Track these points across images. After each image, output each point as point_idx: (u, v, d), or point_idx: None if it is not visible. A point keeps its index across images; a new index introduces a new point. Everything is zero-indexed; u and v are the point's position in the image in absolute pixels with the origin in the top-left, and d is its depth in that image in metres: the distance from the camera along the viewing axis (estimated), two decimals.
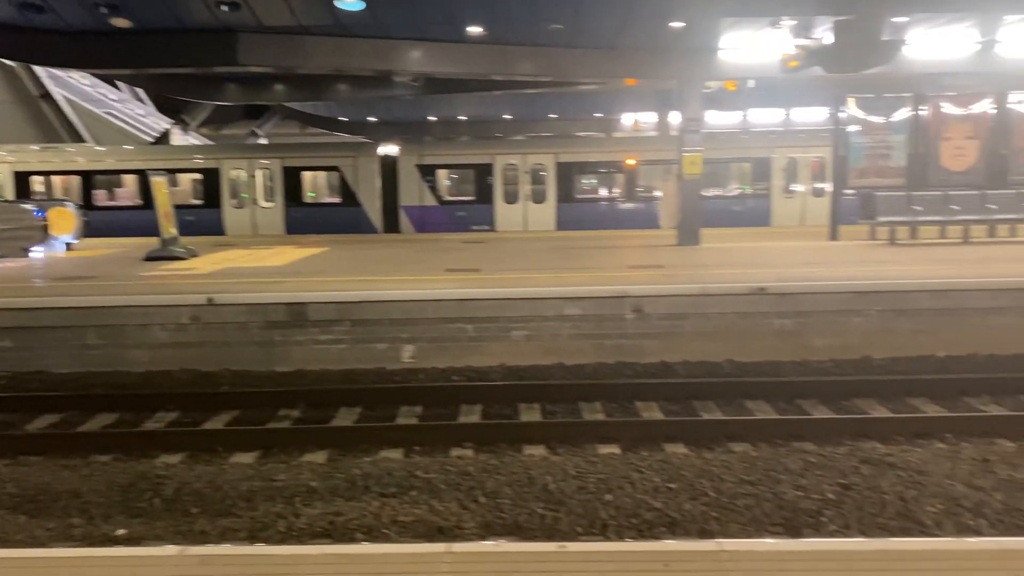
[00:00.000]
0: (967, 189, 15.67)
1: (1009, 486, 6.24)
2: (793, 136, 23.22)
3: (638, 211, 21.74)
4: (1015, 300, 10.30)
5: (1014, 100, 15.79)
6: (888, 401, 8.87)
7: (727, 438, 7.81)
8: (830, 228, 16.45)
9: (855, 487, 6.21)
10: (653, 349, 10.35)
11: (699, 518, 5.85)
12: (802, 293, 10.33)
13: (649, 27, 13.60)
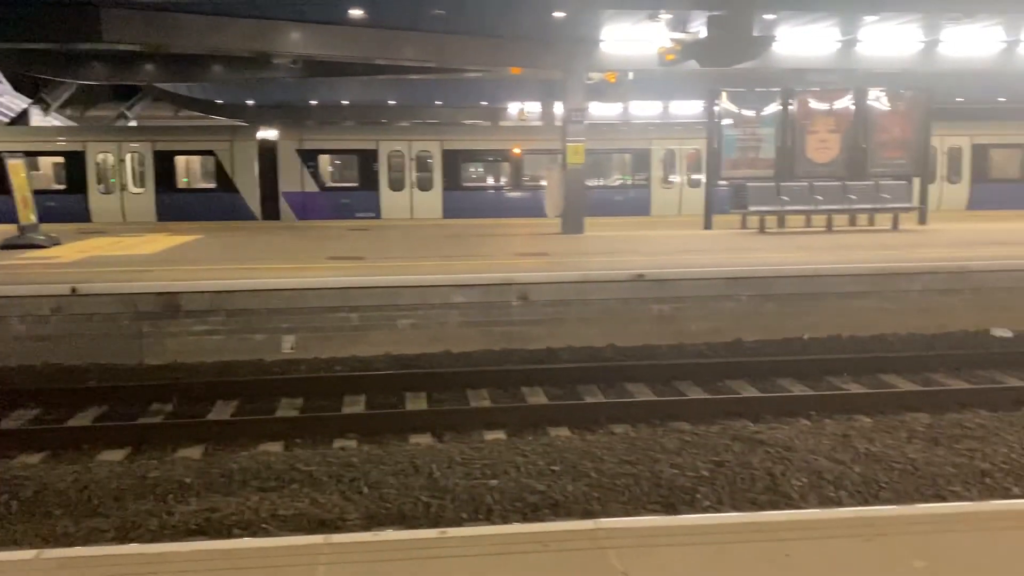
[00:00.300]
0: (830, 180, 16.60)
1: (867, 459, 6.65)
2: (671, 128, 23.94)
3: (524, 200, 21.92)
4: (873, 284, 10.99)
5: (872, 96, 16.82)
6: (758, 381, 9.31)
7: (608, 420, 8.03)
8: (705, 217, 17.08)
9: (727, 464, 6.47)
10: (539, 335, 10.49)
11: (582, 499, 5.97)
12: (678, 279, 10.68)
13: (532, 16, 13.69)
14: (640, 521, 3.58)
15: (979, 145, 23.26)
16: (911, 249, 12.79)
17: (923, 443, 7.08)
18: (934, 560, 3.21)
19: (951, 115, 23.73)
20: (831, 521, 3.56)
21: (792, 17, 13.55)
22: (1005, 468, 6.50)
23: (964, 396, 8.57)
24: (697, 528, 3.46)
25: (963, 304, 11.11)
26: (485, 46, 15.59)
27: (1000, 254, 11.97)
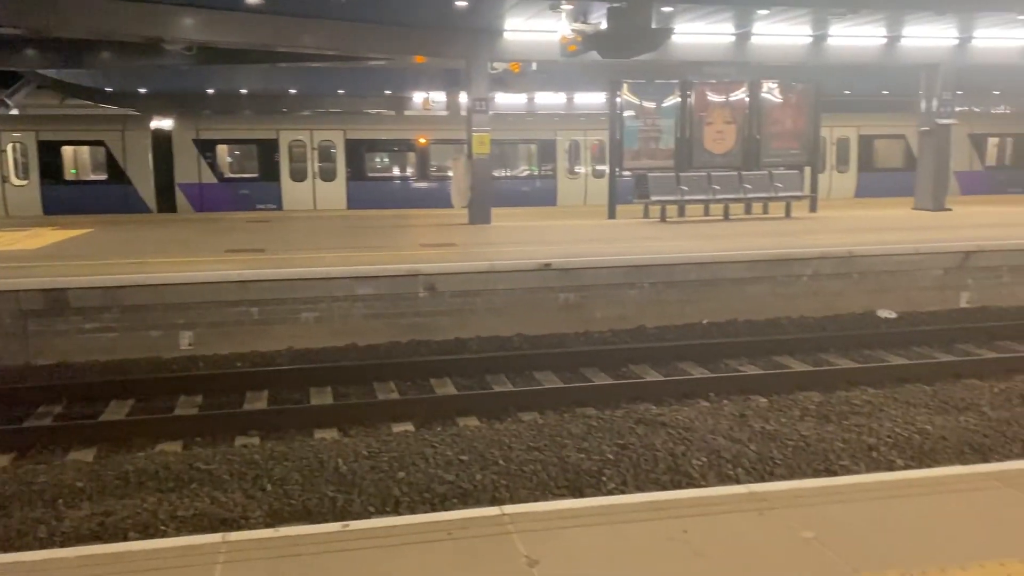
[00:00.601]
0: (727, 170, 17.13)
1: (762, 437, 6.92)
2: (576, 119, 24.23)
3: (431, 190, 21.79)
4: (767, 270, 11.43)
5: (765, 89, 17.44)
6: (660, 366, 9.57)
7: (517, 408, 8.10)
8: (608, 207, 17.37)
9: (631, 446, 6.62)
10: (447, 326, 10.47)
11: (490, 487, 6.02)
12: (584, 268, 10.84)
13: (435, 5, 13.57)
14: (544, 505, 3.63)
15: (865, 136, 24.45)
16: (802, 236, 13.34)
17: (815, 420, 7.42)
18: (821, 530, 3.38)
19: (839, 107, 24.84)
20: (726, 497, 3.69)
21: (689, 10, 13.88)
22: (890, 442, 6.87)
23: (852, 375, 9.02)
24: (599, 509, 3.53)
25: (851, 287, 11.67)
26: (388, 34, 15.37)
27: (884, 240, 12.62)
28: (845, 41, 16.75)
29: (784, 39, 16.44)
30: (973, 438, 6.92)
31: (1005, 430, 7.06)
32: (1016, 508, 3.67)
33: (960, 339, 10.45)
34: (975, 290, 11.97)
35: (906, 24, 15.93)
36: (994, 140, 25.97)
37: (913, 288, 11.81)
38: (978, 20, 15.70)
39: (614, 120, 16.89)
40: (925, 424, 7.19)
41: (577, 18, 12.94)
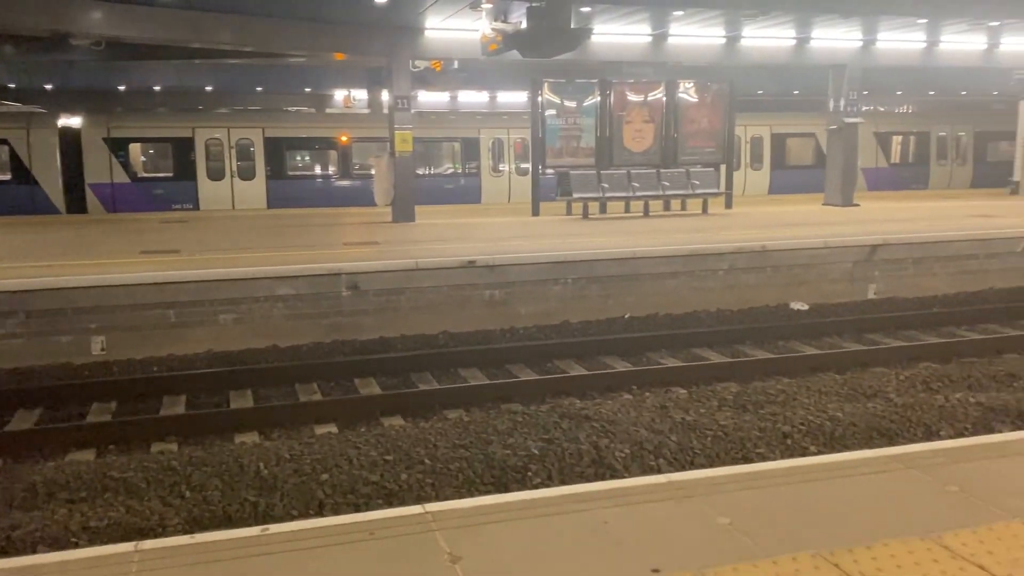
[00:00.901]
0: (646, 168, 17.46)
1: (682, 427, 7.09)
2: (498, 118, 24.30)
3: (353, 188, 21.55)
4: (685, 265, 11.69)
5: (682, 89, 17.84)
6: (584, 360, 9.70)
7: (442, 406, 8.09)
8: (532, 204, 17.50)
9: (556, 441, 6.70)
10: (371, 325, 10.37)
11: (415, 487, 6.00)
12: (508, 265, 10.89)
13: (354, 2, 13.42)
14: (467, 502, 3.64)
15: (777, 135, 25.27)
16: (718, 231, 13.70)
17: (732, 410, 7.63)
18: (737, 516, 3.49)
19: (753, 107, 25.61)
20: (646, 487, 3.77)
21: (607, 11, 14.08)
22: (803, 429, 7.13)
23: (767, 365, 9.31)
24: (521, 504, 3.57)
25: (765, 281, 12.04)
26: (307, 31, 15.10)
27: (795, 234, 13.07)
28: (757, 42, 17.27)
29: (699, 40, 16.85)
30: (880, 423, 7.23)
31: (909, 415, 7.40)
32: (916, 488, 3.86)
33: (868, 329, 10.90)
34: (882, 282, 12.50)
35: (814, 26, 16.52)
36: (898, 138, 27.19)
37: (824, 281, 12.26)
38: (881, 23, 16.40)
39: (536, 119, 17.03)
40: (836, 411, 7.48)
41: (497, 17, 12.98)
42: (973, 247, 13.00)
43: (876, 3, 14.39)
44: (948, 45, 18.53)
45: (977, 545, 3.25)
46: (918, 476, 3.94)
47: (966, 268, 12.95)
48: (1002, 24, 16.78)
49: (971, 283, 12.90)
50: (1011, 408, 7.60)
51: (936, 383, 8.47)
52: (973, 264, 12.97)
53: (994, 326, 11.14)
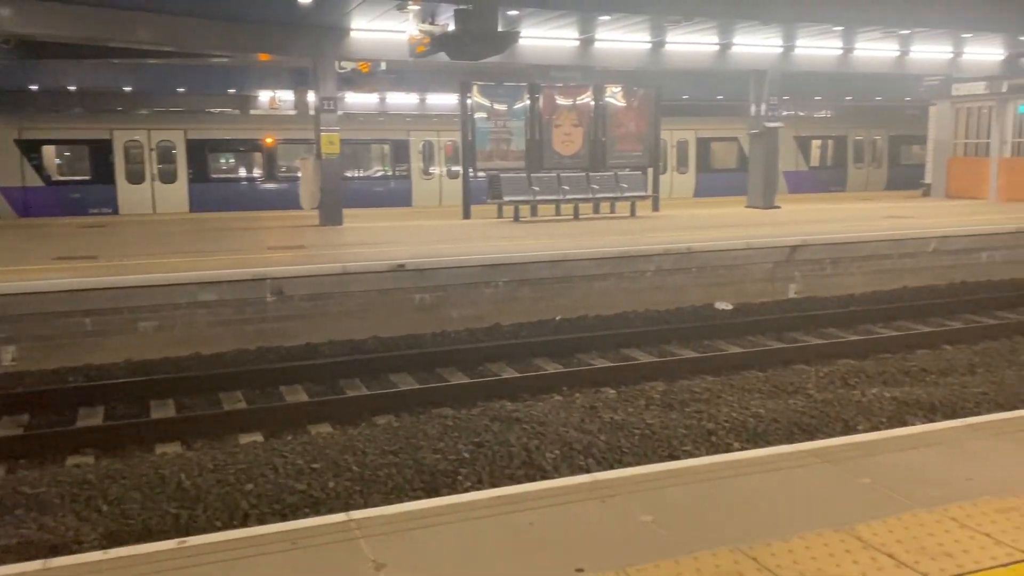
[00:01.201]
0: (575, 171, 17.63)
1: (611, 427, 7.17)
2: (429, 120, 24.23)
3: (280, 191, 21.16)
4: (614, 267, 11.83)
5: (609, 93, 18.07)
6: (515, 363, 9.72)
7: (371, 413, 8.00)
8: (463, 207, 17.48)
9: (487, 444, 6.70)
10: (297, 331, 10.19)
11: (343, 495, 5.92)
12: (438, 268, 10.85)
13: (278, 1, 13.17)
14: (391, 508, 3.60)
15: (703, 139, 25.82)
16: (646, 234, 13.91)
17: (659, 409, 7.76)
18: (660, 513, 3.54)
19: (679, 111, 26.11)
20: (572, 487, 3.80)
21: (534, 15, 14.16)
22: (727, 426, 7.29)
23: (693, 364, 9.49)
24: (447, 508, 3.55)
25: (691, 282, 12.28)
26: (229, 30, 14.76)
27: (720, 236, 13.36)
28: (682, 47, 17.62)
29: (625, 45, 17.10)
30: (801, 419, 7.45)
31: (828, 410, 7.64)
32: (831, 481, 3.98)
33: (789, 328, 11.21)
34: (802, 281, 12.88)
35: (736, 32, 16.95)
36: (817, 142, 28.10)
37: (747, 281, 12.57)
38: (799, 30, 16.92)
39: (465, 121, 17.02)
40: (759, 408, 7.67)
41: (425, 19, 12.93)
42: (888, 247, 13.51)
43: (794, 10, 14.84)
44: (863, 52, 19.24)
45: (887, 535, 3.37)
46: (833, 469, 4.07)
47: (881, 267, 13.45)
48: (912, 33, 17.52)
49: (886, 282, 13.40)
50: (923, 402, 7.92)
51: (853, 379, 8.78)
52: (888, 264, 13.48)
53: (907, 323, 11.60)
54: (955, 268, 13.95)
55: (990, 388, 8.36)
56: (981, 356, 9.65)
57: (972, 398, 8.06)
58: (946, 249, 13.89)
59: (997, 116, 21.80)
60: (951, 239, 13.95)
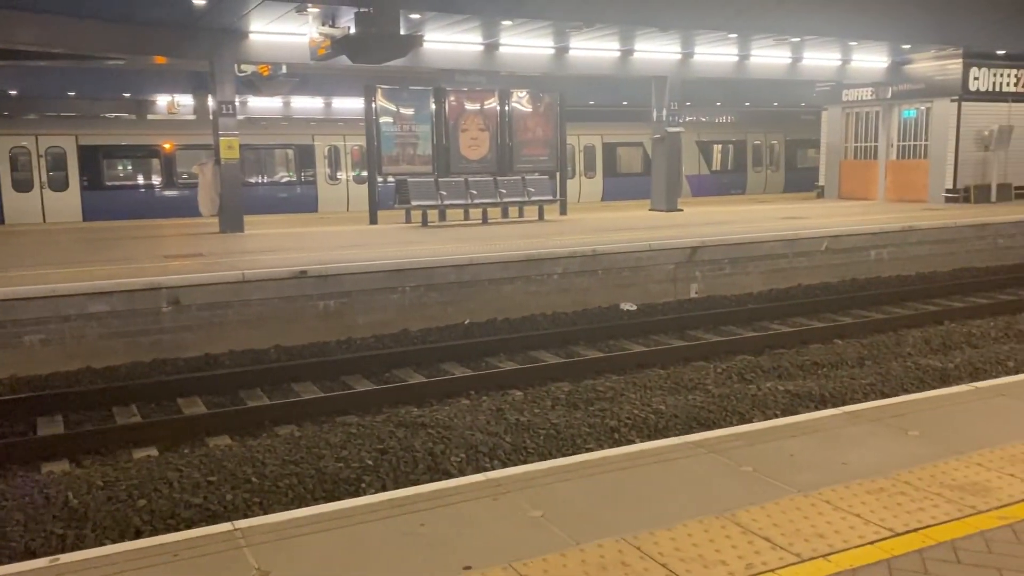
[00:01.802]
0: (483, 176, 17.70)
1: (517, 428, 7.22)
2: (335, 125, 23.90)
3: (179, 198, 20.52)
4: (521, 270, 11.92)
5: (515, 98, 18.22)
6: (423, 368, 9.68)
7: (272, 423, 7.84)
8: (370, 212, 17.31)
9: (391, 450, 6.65)
10: (195, 342, 9.89)
11: (242, 507, 5.80)
12: (343, 274, 10.70)
13: (172, 2, 12.76)
14: (278, 516, 3.54)
15: (609, 144, 26.31)
16: (553, 237, 14.08)
17: (565, 409, 7.87)
18: (549, 508, 3.59)
19: (586, 117, 26.54)
20: (464, 487, 3.81)
21: (437, 19, 14.15)
22: (629, 423, 7.45)
23: (598, 364, 9.65)
24: (336, 514, 3.51)
25: (597, 283, 12.48)
26: (121, 32, 14.20)
27: (625, 238, 13.63)
28: (585, 53, 17.91)
29: (530, 50, 17.27)
30: (700, 414, 7.67)
31: (725, 404, 7.89)
32: (716, 470, 4.12)
33: (690, 326, 11.53)
34: (702, 281, 13.27)
35: (637, 39, 17.34)
36: (718, 146, 29.02)
37: (650, 282, 12.86)
38: (697, 37, 17.44)
39: (371, 126, 16.87)
40: (660, 405, 7.86)
41: (325, 21, 12.75)
42: (783, 247, 14.05)
43: (690, 18, 15.29)
44: (758, 59, 19.98)
45: (765, 519, 3.50)
46: (718, 459, 4.21)
47: (777, 267, 13.97)
48: (803, 40, 18.29)
49: (782, 280, 13.93)
50: (815, 394, 8.27)
51: (750, 374, 9.09)
52: (783, 263, 14.02)
53: (801, 319, 12.09)
54: (846, 266, 14.62)
55: (877, 379, 8.79)
56: (869, 349, 10.11)
57: (860, 389, 8.46)
58: (838, 248, 14.54)
59: (884, 120, 22.98)
60: (842, 238, 14.60)
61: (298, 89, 23.56)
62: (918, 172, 22.01)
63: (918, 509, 3.65)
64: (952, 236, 15.90)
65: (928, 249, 15.54)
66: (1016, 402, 5.32)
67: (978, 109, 21.19)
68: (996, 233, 16.53)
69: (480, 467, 6.54)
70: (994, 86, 21.41)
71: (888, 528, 3.45)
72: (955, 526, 3.48)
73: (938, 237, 15.71)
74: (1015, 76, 21.68)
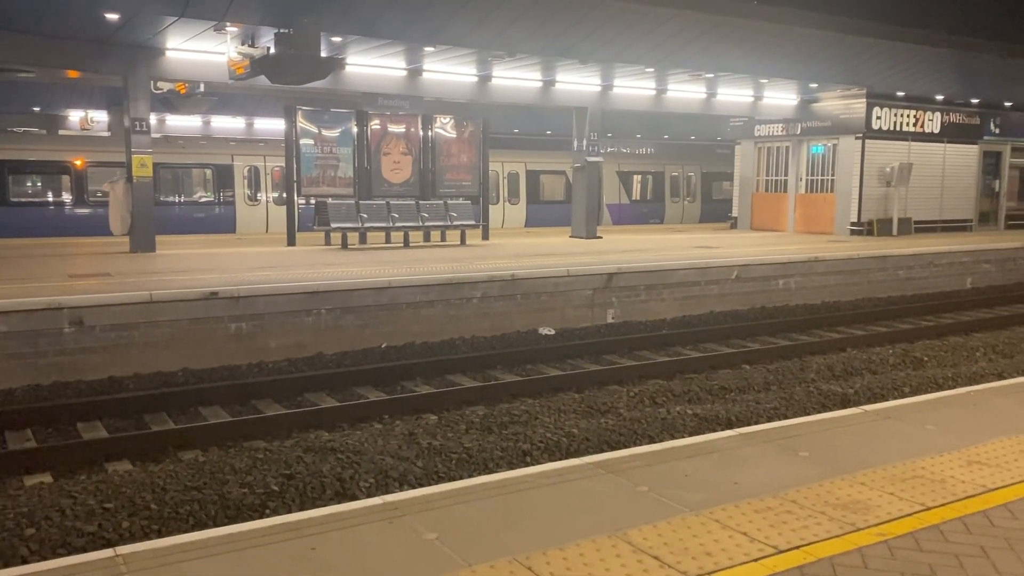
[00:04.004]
0: (405, 199, 17.69)
1: (429, 453, 7.20)
2: (255, 145, 23.56)
3: (90, 216, 19.86)
4: (441, 294, 11.93)
5: (439, 124, 18.33)
6: (337, 392, 9.56)
7: (176, 448, 7.62)
8: (288, 234, 17.08)
9: (298, 476, 6.54)
10: (99, 364, 9.55)
11: (139, 534, 5.62)
12: (256, 296, 10.51)
13: (84, 15, 12.41)
14: (163, 541, 3.45)
15: (532, 171, 26.66)
16: (473, 262, 14.14)
17: (479, 433, 7.88)
18: (445, 530, 3.60)
19: (510, 144, 26.84)
20: (360, 510, 3.79)
21: (360, 42, 14.14)
22: (542, 446, 7.51)
23: (514, 387, 9.71)
24: (225, 538, 3.44)
25: (515, 308, 12.58)
26: (30, 44, 13.70)
27: (545, 264, 13.80)
28: (508, 82, 18.16)
29: (453, 77, 17.40)
30: (611, 437, 7.79)
31: (636, 428, 8.04)
32: (613, 490, 4.20)
33: (606, 351, 11.71)
34: (619, 307, 13.51)
35: (558, 70, 17.67)
36: (638, 177, 29.72)
37: (568, 307, 13.03)
38: (616, 70, 17.88)
39: (291, 146, 16.70)
40: (572, 428, 7.96)
41: (244, 41, 12.60)
42: (696, 275, 14.44)
43: (608, 51, 15.68)
44: (675, 93, 20.59)
45: (656, 538, 3.59)
46: (616, 480, 4.29)
47: (690, 294, 14.34)
48: (717, 76, 18.95)
49: (694, 307, 14.31)
50: (722, 418, 8.50)
51: (661, 397, 9.29)
52: (696, 290, 14.40)
53: (712, 345, 12.42)
54: (755, 294, 15.11)
55: (781, 403, 9.10)
56: (775, 374, 10.46)
57: (765, 413, 8.74)
58: (747, 276, 15.02)
59: (793, 155, 23.94)
60: (752, 267, 15.10)
61: (217, 108, 23.16)
62: (825, 205, 22.97)
63: (802, 527, 3.79)
64: (855, 267, 16.62)
65: (833, 279, 16.21)
66: (901, 424, 5.59)
67: (881, 147, 22.31)
68: (896, 265, 17.35)
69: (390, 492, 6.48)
70: (895, 125, 22.58)
71: (772, 546, 3.58)
72: (835, 543, 3.63)
73: (842, 268, 16.40)
74: (914, 116, 22.92)
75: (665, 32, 15.46)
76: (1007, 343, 12.62)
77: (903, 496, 4.18)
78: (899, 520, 3.90)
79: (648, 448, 4.94)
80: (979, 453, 4.93)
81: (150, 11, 11.50)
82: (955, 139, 23.97)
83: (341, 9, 12.21)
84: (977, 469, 4.63)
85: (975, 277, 18.69)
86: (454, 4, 12.99)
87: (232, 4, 11.25)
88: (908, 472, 4.55)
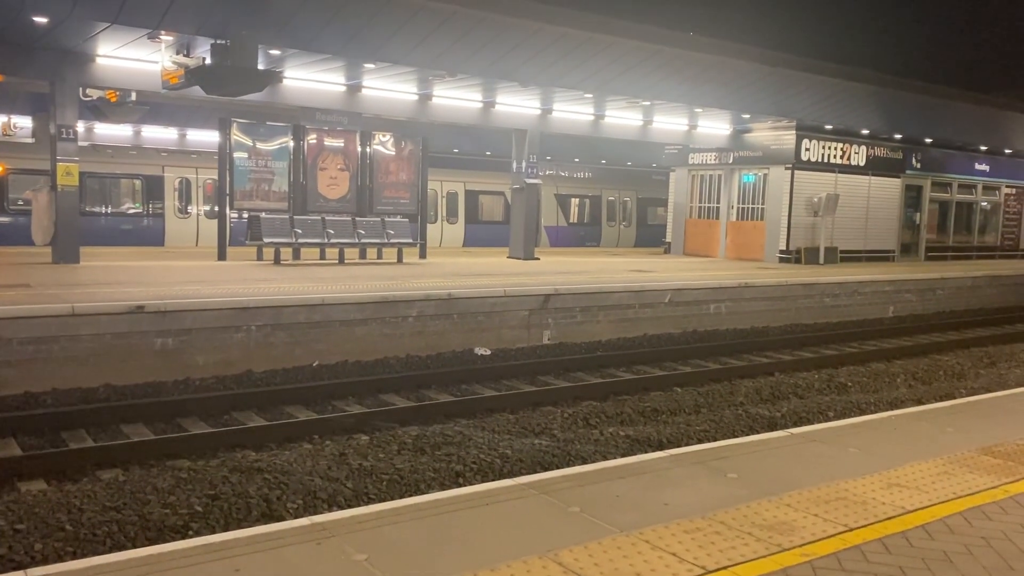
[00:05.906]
0: (342, 215, 17.51)
1: (359, 474, 7.09)
2: (187, 156, 23.04)
3: (11, 225, 19.09)
4: (375, 312, 11.80)
5: (377, 141, 18.23)
6: (265, 411, 9.35)
7: (95, 466, 7.34)
8: (219, 248, 16.71)
9: (223, 496, 6.37)
10: (14, 379, 9.15)
11: (52, 556, 5.37)
12: (183, 311, 10.23)
13: (7, 16, 11.98)
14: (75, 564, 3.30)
15: (471, 191, 26.72)
16: (410, 280, 14.06)
17: (411, 453, 7.79)
18: (374, 551, 3.54)
19: (450, 164, 26.85)
20: (287, 531, 3.70)
21: (298, 56, 14.00)
22: (475, 467, 7.47)
23: (449, 408, 9.65)
24: (144, 560, 3.31)
25: (451, 327, 12.53)
26: None
27: (481, 283, 13.79)
28: (449, 102, 18.21)
29: (394, 94, 17.37)
30: (544, 458, 7.79)
31: (569, 448, 8.06)
32: (545, 511, 4.19)
33: (541, 371, 11.74)
34: (555, 328, 13.58)
35: (499, 92, 17.80)
36: (576, 200, 30.05)
37: (505, 327, 13.04)
38: (555, 94, 18.11)
39: (224, 159, 16.38)
40: (506, 449, 7.93)
41: (179, 51, 12.35)
42: (630, 298, 14.62)
43: (547, 76, 15.87)
44: (612, 119, 20.95)
45: (587, 559, 3.59)
46: (548, 500, 4.29)
47: (625, 316, 14.51)
48: (653, 104, 19.35)
49: (629, 329, 14.47)
50: (653, 439, 8.59)
51: (595, 419, 9.35)
52: (630, 313, 14.58)
53: (645, 367, 12.57)
54: (687, 318, 15.38)
55: (711, 426, 9.25)
56: (706, 397, 10.64)
57: (695, 435, 8.87)
58: (680, 300, 15.28)
59: (726, 183, 24.55)
60: (684, 291, 15.37)
61: (148, 118, 22.58)
62: (755, 233, 23.59)
63: (730, 548, 3.84)
64: (784, 294, 17.07)
65: (762, 305, 16.61)
66: (826, 447, 5.73)
67: (809, 177, 23.06)
68: (822, 292, 17.89)
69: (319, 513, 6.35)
70: (823, 157, 23.38)
71: (701, 566, 3.61)
72: (761, 563, 3.69)
73: (771, 294, 16.83)
74: (841, 149, 23.77)
75: (604, 59, 15.74)
76: (926, 370, 13.11)
77: (827, 517, 4.28)
78: (823, 541, 3.98)
79: (580, 469, 4.95)
80: (899, 476, 5.09)
81: (81, 16, 11.17)
82: (879, 172, 24.94)
83: (280, 23, 12.08)
84: (897, 491, 4.77)
85: (897, 306, 19.40)
86: (394, 24, 12.99)
87: (167, 13, 11.02)
88: (832, 494, 4.67)
